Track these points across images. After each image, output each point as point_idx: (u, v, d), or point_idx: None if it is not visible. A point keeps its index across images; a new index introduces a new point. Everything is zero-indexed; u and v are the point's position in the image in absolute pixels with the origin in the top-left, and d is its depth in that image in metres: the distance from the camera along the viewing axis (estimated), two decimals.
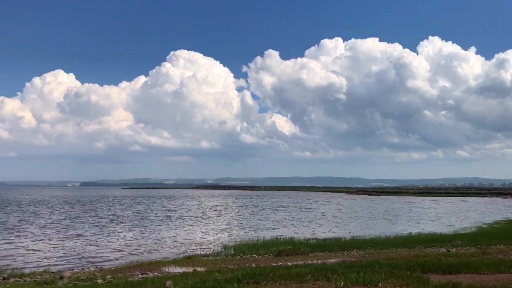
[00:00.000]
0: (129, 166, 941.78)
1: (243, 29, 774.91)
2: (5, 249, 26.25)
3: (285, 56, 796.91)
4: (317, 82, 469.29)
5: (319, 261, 18.37)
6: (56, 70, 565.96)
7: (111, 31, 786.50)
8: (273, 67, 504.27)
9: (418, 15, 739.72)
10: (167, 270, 17.86)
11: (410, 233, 34.04)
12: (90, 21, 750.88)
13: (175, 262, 20.30)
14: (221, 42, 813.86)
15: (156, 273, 16.84)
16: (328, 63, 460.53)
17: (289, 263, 17.72)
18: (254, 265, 17.63)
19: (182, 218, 50.69)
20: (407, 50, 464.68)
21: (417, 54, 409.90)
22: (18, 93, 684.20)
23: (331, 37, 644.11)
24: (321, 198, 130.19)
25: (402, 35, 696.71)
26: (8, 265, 21.01)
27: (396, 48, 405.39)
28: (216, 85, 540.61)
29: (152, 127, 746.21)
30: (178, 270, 17.65)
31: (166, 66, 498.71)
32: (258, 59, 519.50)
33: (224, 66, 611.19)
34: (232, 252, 24.16)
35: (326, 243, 26.54)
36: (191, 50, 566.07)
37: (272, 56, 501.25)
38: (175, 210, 65.93)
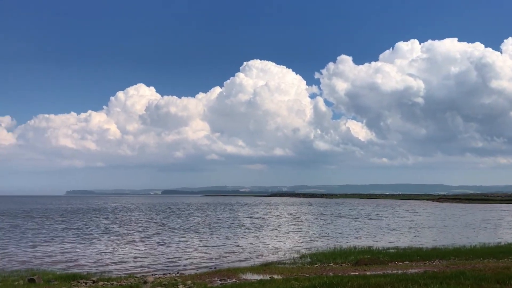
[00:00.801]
0: (207, 174, 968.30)
1: (315, 36, 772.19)
2: (95, 254, 27.95)
3: (358, 61, 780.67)
4: (393, 86, 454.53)
5: (399, 271, 17.75)
6: (138, 84, 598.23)
7: (188, 46, 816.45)
8: (346, 73, 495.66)
9: (500, 12, 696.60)
10: (244, 277, 18.08)
11: (499, 243, 31.96)
12: (168, 37, 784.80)
13: (253, 269, 20.50)
14: (293, 50, 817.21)
15: (234, 280, 17.11)
16: (404, 66, 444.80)
17: (368, 273, 17.30)
18: (332, 274, 17.40)
19: (259, 225, 51.17)
20: (489, 49, 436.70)
21: (501, 53, 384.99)
22: (104, 107, 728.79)
23: (406, 40, 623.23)
24: (401, 206, 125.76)
25: (483, 34, 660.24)
26: (97, 269, 22.37)
27: (477, 48, 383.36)
28: (288, 93, 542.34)
29: (227, 136, 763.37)
30: (256, 277, 17.82)
31: (240, 76, 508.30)
32: (331, 65, 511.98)
33: (297, 73, 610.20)
34: (309, 260, 24.00)
35: (406, 252, 25.61)
36: (264, 59, 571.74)
37: (345, 61, 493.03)
38: (253, 217, 66.67)
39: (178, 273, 20.88)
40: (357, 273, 17.31)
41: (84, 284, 16.83)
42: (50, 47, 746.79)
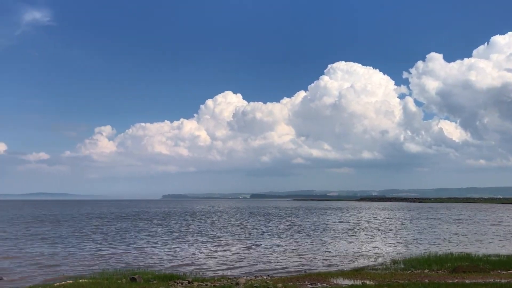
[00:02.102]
0: (293, 178, 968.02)
1: (401, 34, 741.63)
2: (190, 255, 29.16)
3: (449, 58, 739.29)
4: (489, 83, 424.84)
5: (503, 280, 16.62)
6: (225, 92, 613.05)
7: (272, 51, 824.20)
8: (437, 71, 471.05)
9: None
10: (335, 281, 17.94)
11: None
12: (253, 44, 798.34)
13: (343, 274, 20.26)
14: (379, 50, 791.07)
15: (325, 284, 17.04)
16: (501, 62, 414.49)
17: (467, 281, 16.40)
18: (427, 281, 16.72)
19: (351, 230, 50.32)
20: None
21: None
22: (195, 114, 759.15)
23: (503, 33, 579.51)
24: (506, 211, 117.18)
25: None
26: (191, 270, 23.34)
27: None
28: (376, 94, 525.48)
29: (312, 139, 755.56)
30: (347, 282, 17.60)
31: (324, 79, 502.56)
32: (420, 63, 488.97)
33: (384, 73, 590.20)
34: (402, 266, 23.20)
35: (511, 260, 23.84)
36: (349, 61, 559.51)
37: (435, 59, 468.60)
38: (343, 222, 65.69)
39: (269, 276, 21.18)
40: (455, 281, 16.48)
41: (180, 284, 17.67)
42: (144, 62, 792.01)
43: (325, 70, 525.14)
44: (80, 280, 18.37)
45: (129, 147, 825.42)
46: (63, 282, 18.27)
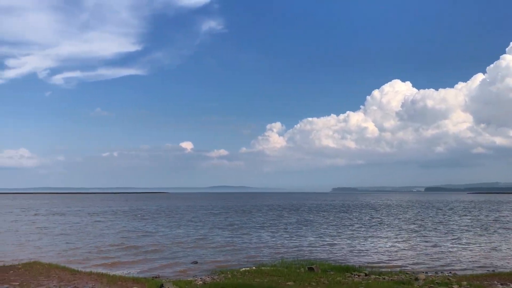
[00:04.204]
0: (473, 169, 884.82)
1: None
2: (366, 248, 29.00)
3: None
4: None
5: None
6: (393, 81, 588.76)
7: (440, 33, 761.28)
8: None
9: None
10: None
11: None
12: (418, 27, 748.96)
13: None
14: None
15: None
16: None
17: None
18: None
19: None
20: None
21: None
22: (361, 106, 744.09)
23: None
24: None
25: None
26: (368, 262, 23.23)
27: None
28: None
29: (495, 126, 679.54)
30: None
31: (506, 58, 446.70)
32: None
33: None
34: None
35: None
36: None
37: None
38: None
39: (450, 272, 20.00)
40: None
41: (357, 276, 17.79)
42: (309, 58, 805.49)
43: (507, 49, 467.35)
44: (262, 268, 19.74)
45: (297, 142, 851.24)
46: (247, 268, 19.85)
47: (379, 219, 55.57)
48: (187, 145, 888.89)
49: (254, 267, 20.03)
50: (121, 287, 15.10)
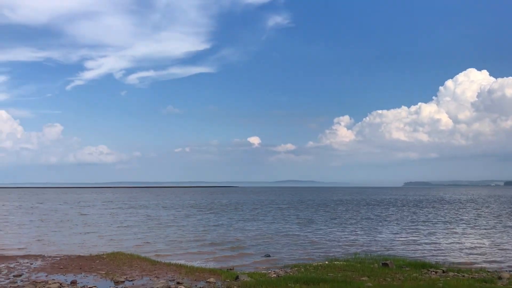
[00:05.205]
0: None
1: None
2: (442, 243, 28.06)
3: None
4: None
5: None
6: (467, 70, 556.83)
7: None
8: None
9: None
10: None
11: None
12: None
13: None
14: None
15: None
16: None
17: None
18: None
19: None
20: None
21: None
22: (434, 97, 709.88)
23: None
24: None
25: None
26: (445, 259, 22.49)
27: None
28: None
29: None
30: None
31: None
32: None
33: None
34: None
35: None
36: None
37: None
38: None
39: None
40: None
41: (434, 273, 17.29)
42: (377, 49, 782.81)
43: None
44: (335, 262, 19.71)
45: (367, 135, 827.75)
46: (320, 262, 19.91)
47: (455, 215, 53.41)
48: (255, 140, 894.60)
49: (326, 262, 20.04)
50: (198, 278, 15.73)
